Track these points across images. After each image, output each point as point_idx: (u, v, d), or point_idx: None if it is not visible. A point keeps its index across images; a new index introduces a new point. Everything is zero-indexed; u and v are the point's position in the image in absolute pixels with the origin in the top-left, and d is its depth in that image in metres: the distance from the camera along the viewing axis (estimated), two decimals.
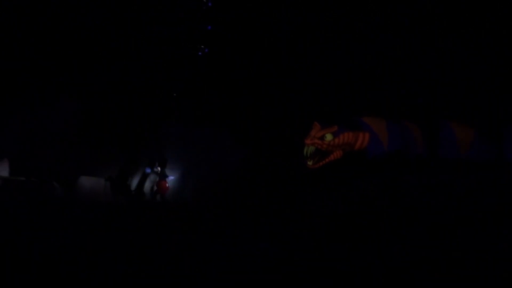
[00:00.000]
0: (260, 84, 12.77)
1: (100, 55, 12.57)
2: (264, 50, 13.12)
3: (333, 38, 12.90)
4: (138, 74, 12.72)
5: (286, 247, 8.29)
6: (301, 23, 13.02)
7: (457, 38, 12.30)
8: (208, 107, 12.77)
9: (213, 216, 9.92)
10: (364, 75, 12.56)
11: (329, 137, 10.09)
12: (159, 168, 11.73)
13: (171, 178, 11.78)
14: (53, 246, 8.27)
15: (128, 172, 11.78)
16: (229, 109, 12.61)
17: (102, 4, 12.73)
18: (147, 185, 11.82)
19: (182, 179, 11.32)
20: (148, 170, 11.74)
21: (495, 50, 12.00)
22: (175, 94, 12.96)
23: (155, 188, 11.85)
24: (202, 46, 13.36)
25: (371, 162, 10.36)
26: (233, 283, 6.72)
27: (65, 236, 8.84)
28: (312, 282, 6.82)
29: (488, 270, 6.86)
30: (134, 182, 11.98)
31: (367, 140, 10.32)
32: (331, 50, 12.85)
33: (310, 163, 10.24)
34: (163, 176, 11.66)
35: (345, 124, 10.32)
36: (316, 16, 13.02)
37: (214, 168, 11.32)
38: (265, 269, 7.39)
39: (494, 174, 9.82)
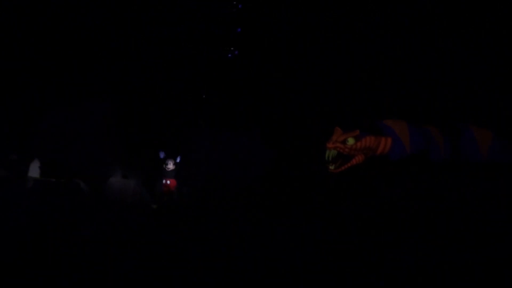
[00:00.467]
0: (283, 87, 12.83)
1: (131, 56, 12.68)
2: (288, 54, 13.18)
3: (353, 42, 12.90)
4: (168, 76, 12.78)
5: (311, 250, 8.28)
6: (324, 27, 13.07)
7: (472, 40, 12.19)
8: (234, 109, 12.87)
9: (241, 218, 9.89)
10: (384, 78, 12.54)
11: (351, 141, 10.04)
12: (170, 163, 11.90)
13: (178, 161, 11.94)
14: (80, 246, 8.74)
15: (154, 175, 11.87)
16: (254, 112, 12.71)
17: (140, 7, 12.91)
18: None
19: (207, 182, 11.37)
20: (162, 155, 11.89)
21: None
22: (204, 96, 13.04)
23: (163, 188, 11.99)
24: (232, 49, 13.40)
25: (394, 166, 10.32)
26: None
27: (92, 236, 9.16)
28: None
29: None
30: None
31: (389, 145, 10.29)
32: (350, 54, 12.84)
33: (332, 167, 10.21)
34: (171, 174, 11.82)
35: (367, 128, 10.31)
36: (338, 19, 13.07)
37: (241, 171, 11.36)
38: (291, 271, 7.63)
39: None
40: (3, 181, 10.71)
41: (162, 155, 11.97)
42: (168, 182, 11.94)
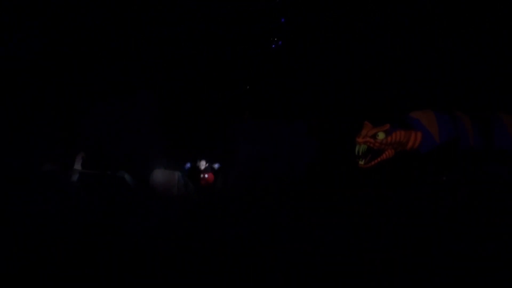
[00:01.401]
0: (321, 80, 12.93)
1: (175, 51, 12.81)
2: (323, 50, 13.23)
3: (379, 39, 12.88)
4: (210, 70, 12.88)
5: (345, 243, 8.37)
6: (354, 23, 13.12)
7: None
8: (278, 101, 12.93)
9: (283, 211, 9.96)
10: (411, 69, 12.53)
11: (381, 135, 10.07)
12: (203, 162, 11.84)
13: (217, 166, 11.94)
14: (125, 237, 9.00)
15: (198, 167, 11.87)
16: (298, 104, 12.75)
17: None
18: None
19: (253, 175, 11.40)
20: (188, 165, 11.89)
21: None
22: (248, 87, 13.14)
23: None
24: (275, 39, 13.43)
25: (425, 158, 10.36)
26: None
27: (136, 227, 9.40)
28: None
29: None
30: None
31: (419, 139, 10.29)
32: (376, 50, 12.81)
33: (361, 162, 10.24)
34: (209, 169, 11.83)
35: (397, 122, 10.34)
36: (367, 16, 13.08)
37: (286, 163, 11.37)
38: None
39: None
40: (50, 174, 10.89)
41: (188, 165, 12.04)
42: (206, 176, 11.97)
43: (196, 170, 11.76)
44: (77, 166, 11.42)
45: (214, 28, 13.14)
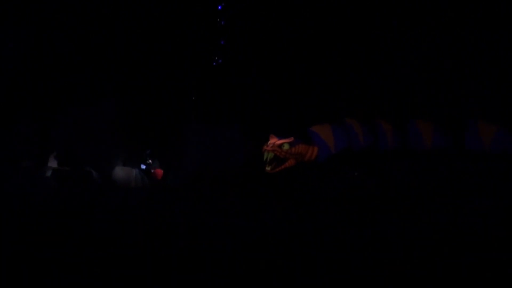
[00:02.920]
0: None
1: (132, 64, 13.66)
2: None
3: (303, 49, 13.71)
4: (163, 81, 13.79)
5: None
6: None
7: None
8: (218, 107, 13.82)
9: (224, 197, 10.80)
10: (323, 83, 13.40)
11: (286, 146, 10.96)
12: (150, 161, 12.90)
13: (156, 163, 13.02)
14: (94, 226, 9.11)
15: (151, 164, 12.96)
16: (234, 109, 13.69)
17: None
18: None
19: (197, 169, 12.25)
20: (143, 167, 12.89)
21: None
22: (194, 98, 14.09)
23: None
24: (216, 58, 14.45)
25: (322, 165, 11.33)
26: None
27: (103, 216, 9.86)
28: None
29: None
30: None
31: (315, 153, 11.28)
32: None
33: (268, 168, 11.07)
34: (155, 165, 12.84)
35: (299, 135, 11.30)
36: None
37: (224, 160, 12.25)
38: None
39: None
40: (27, 170, 11.76)
41: (143, 166, 13.15)
42: (153, 171, 13.13)
43: (148, 167, 12.89)
44: (51, 163, 12.35)
45: (165, 42, 13.97)
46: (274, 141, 11.16)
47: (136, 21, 13.90)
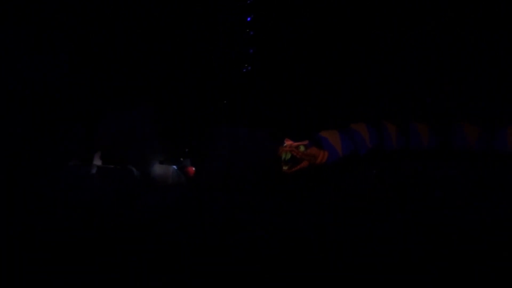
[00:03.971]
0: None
1: (169, 74, 14.52)
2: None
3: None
4: (194, 89, 14.62)
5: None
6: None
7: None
8: (246, 111, 14.52)
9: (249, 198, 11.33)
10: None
11: (302, 148, 11.68)
12: (182, 159, 13.54)
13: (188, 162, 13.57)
14: (135, 218, 10.29)
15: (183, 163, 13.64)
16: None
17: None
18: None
19: (226, 169, 12.81)
20: (175, 167, 13.46)
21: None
22: (225, 102, 14.86)
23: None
24: (246, 65, 15.13)
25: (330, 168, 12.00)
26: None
27: (141, 208, 10.82)
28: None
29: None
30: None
31: (326, 157, 11.94)
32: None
33: (285, 168, 11.73)
34: (188, 164, 13.55)
35: (311, 140, 11.99)
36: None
37: (250, 161, 12.76)
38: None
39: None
40: (74, 168, 12.49)
41: (175, 167, 13.60)
42: (188, 170, 13.75)
43: (183, 166, 13.54)
44: (96, 161, 13.03)
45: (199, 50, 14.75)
46: (290, 143, 11.85)
47: (170, 31, 14.77)
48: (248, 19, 15.31)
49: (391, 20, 14.00)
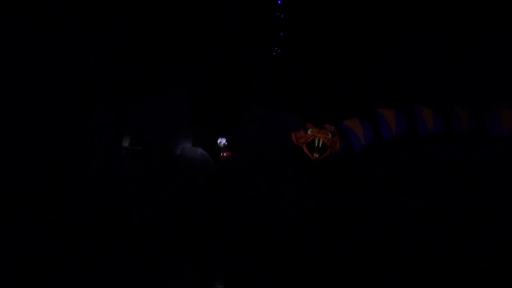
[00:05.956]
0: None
1: (200, 59, 14.61)
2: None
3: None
4: (226, 72, 14.67)
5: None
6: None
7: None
8: (277, 96, 14.54)
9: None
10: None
11: (330, 135, 11.89)
12: (223, 141, 13.62)
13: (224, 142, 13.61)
14: (163, 198, 10.86)
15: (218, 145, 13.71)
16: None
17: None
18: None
19: (258, 151, 12.89)
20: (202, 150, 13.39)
21: None
22: (254, 85, 14.93)
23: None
24: (276, 48, 15.15)
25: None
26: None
27: (171, 188, 11.14)
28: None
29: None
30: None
31: (338, 146, 12.07)
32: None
33: (316, 155, 11.83)
34: (227, 148, 13.61)
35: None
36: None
37: (282, 143, 12.72)
38: None
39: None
40: (105, 149, 12.61)
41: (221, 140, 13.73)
42: (224, 154, 13.77)
43: (215, 147, 13.58)
44: (125, 143, 13.17)
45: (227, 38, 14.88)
46: (314, 128, 11.94)
47: (201, 20, 14.92)
48: (279, 1, 15.29)
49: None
